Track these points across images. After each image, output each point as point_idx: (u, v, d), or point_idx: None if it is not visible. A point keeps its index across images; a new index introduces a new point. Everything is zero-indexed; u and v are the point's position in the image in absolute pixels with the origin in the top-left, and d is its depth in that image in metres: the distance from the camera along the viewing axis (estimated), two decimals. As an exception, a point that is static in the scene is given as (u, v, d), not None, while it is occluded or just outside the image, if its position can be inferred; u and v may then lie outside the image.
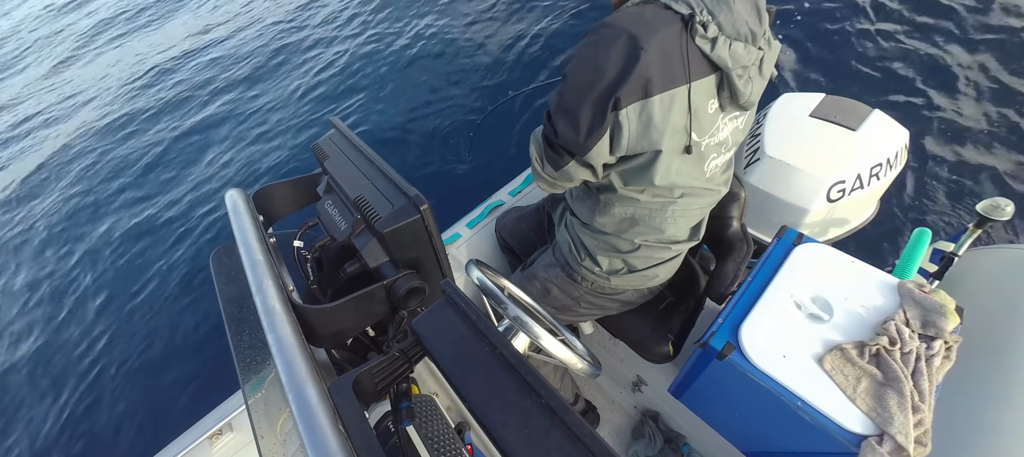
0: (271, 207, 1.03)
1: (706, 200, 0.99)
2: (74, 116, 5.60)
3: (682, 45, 0.75)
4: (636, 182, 0.90)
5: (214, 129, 4.71)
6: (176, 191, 4.13)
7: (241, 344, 0.77)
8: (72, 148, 5.04)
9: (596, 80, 0.77)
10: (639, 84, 0.75)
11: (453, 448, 0.86)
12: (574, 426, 0.45)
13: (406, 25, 5.20)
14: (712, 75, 0.80)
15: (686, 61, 0.76)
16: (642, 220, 0.97)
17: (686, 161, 0.87)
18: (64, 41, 7.74)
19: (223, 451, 1.23)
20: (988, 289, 1.14)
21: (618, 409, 1.66)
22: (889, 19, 3.65)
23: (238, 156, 4.29)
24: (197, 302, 3.20)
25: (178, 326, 3.10)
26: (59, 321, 3.38)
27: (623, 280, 1.09)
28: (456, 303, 0.60)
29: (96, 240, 3.90)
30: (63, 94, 6.18)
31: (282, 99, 4.81)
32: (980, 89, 2.97)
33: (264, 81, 5.17)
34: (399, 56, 4.88)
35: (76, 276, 3.67)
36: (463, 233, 1.60)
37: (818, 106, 1.43)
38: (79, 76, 6.51)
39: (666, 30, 0.74)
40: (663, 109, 0.78)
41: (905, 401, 0.76)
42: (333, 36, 5.47)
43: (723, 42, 0.76)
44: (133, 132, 5.00)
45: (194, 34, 6.45)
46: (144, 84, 5.71)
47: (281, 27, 5.96)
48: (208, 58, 5.84)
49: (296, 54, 5.41)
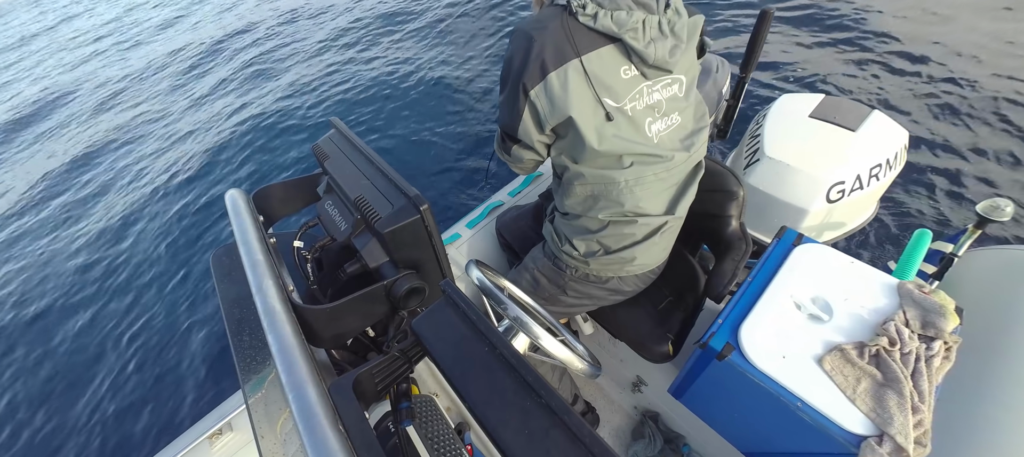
0: (271, 207, 1.03)
1: (661, 167, 1.00)
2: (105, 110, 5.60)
3: (566, 28, 0.90)
4: (581, 157, 0.99)
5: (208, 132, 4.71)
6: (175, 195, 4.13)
7: (241, 344, 0.77)
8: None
9: (509, 73, 0.96)
10: (536, 67, 0.91)
11: (453, 448, 0.86)
12: (574, 426, 0.45)
13: (420, 45, 5.19)
14: (610, 45, 0.92)
15: (572, 40, 0.90)
16: (602, 195, 1.03)
17: (618, 127, 0.95)
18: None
19: (223, 451, 1.23)
20: (988, 289, 1.14)
21: (618, 409, 1.66)
22: (889, 20, 3.65)
23: (236, 157, 4.29)
24: (196, 303, 3.20)
25: (177, 326, 3.10)
26: (59, 320, 3.38)
27: (601, 263, 1.11)
28: (456, 303, 0.60)
29: (94, 238, 3.90)
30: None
31: (285, 100, 4.81)
32: (980, 90, 2.98)
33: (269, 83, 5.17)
34: (404, 64, 4.88)
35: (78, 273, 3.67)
36: (463, 233, 1.60)
37: (818, 107, 1.43)
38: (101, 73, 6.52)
39: (552, 21, 0.91)
40: (560, 82, 0.91)
41: (905, 402, 0.76)
42: (336, 44, 5.47)
43: (604, 14, 0.89)
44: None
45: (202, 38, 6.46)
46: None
47: (278, 33, 5.96)
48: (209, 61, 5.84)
49: (297, 57, 5.41)
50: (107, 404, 2.82)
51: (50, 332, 3.34)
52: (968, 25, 3.41)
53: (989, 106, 2.86)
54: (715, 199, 1.17)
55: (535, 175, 1.75)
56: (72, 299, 3.51)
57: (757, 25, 1.39)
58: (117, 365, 3.00)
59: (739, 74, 1.54)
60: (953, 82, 3.06)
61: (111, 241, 3.84)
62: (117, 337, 3.16)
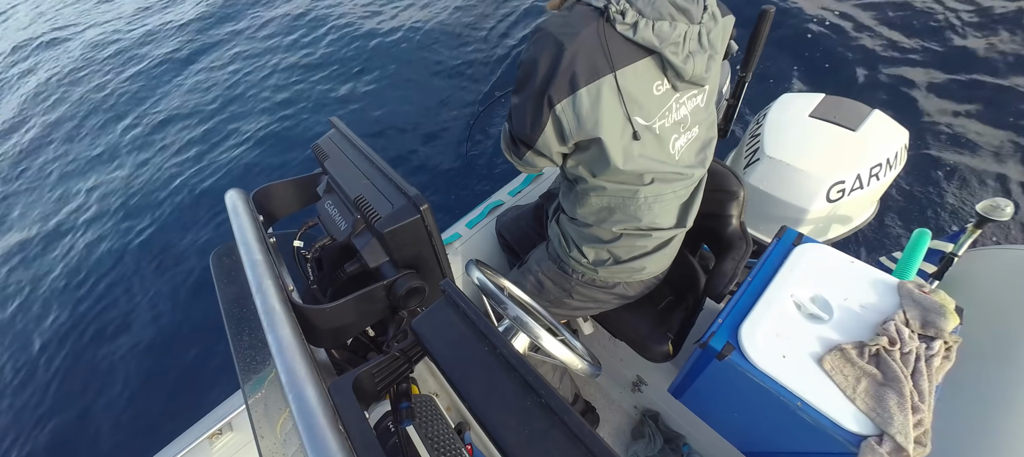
0: (271, 207, 1.03)
1: (681, 184, 0.99)
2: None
3: (601, 37, 0.80)
4: (601, 171, 0.94)
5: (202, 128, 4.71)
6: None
7: (241, 344, 0.77)
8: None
9: (532, 81, 0.85)
10: (565, 80, 0.82)
11: (453, 448, 0.86)
12: (574, 426, 0.45)
13: (403, 23, 5.20)
14: (647, 58, 0.84)
15: (607, 51, 0.81)
16: (618, 209, 0.99)
17: (644, 145, 0.90)
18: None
19: (223, 451, 1.23)
20: (988, 289, 1.14)
21: (618, 409, 1.66)
22: (889, 20, 3.65)
23: (236, 157, 4.29)
24: (196, 302, 3.21)
25: (177, 325, 3.10)
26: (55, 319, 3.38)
27: (610, 271, 1.10)
28: (456, 303, 0.60)
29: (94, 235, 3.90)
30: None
31: (286, 100, 4.81)
32: (980, 90, 2.98)
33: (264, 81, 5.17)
34: (399, 58, 4.89)
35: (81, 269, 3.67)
36: (463, 233, 1.60)
37: (818, 106, 1.43)
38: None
39: (586, 27, 0.80)
40: (591, 99, 0.83)
41: (905, 401, 0.76)
42: (325, 37, 5.48)
43: (645, 24, 0.80)
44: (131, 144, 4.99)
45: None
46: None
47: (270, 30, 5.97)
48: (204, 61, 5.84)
49: (292, 52, 5.41)
50: (107, 404, 2.82)
51: (50, 332, 3.34)
52: (971, 25, 3.41)
53: (990, 106, 2.86)
54: (716, 199, 1.17)
55: (536, 175, 1.76)
56: (72, 299, 3.51)
57: (757, 24, 1.39)
58: (117, 365, 3.00)
59: (739, 73, 1.54)
60: (954, 82, 3.05)
61: (107, 241, 3.84)
62: (117, 337, 3.17)
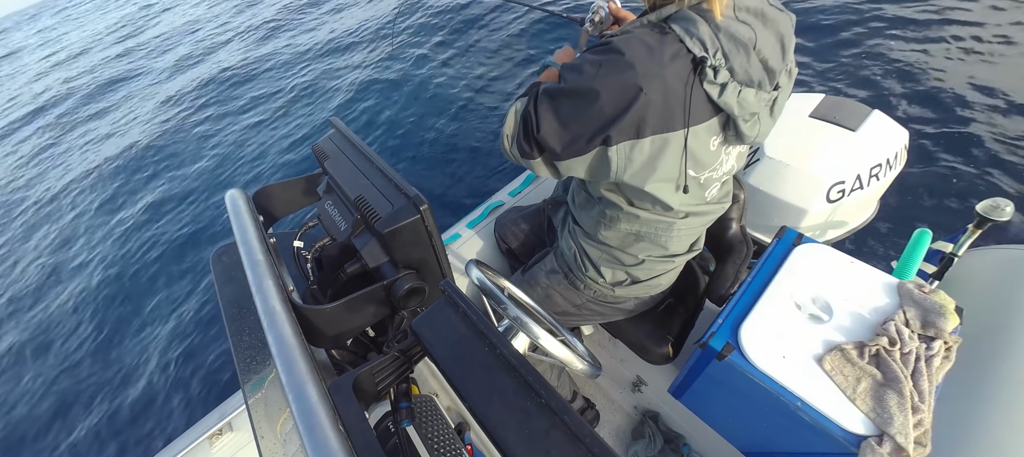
0: (271, 207, 1.03)
1: (709, 218, 1.01)
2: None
3: (687, 88, 0.71)
4: (640, 201, 0.90)
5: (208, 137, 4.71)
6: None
7: (241, 344, 0.77)
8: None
9: (590, 106, 0.74)
10: (632, 124, 0.73)
11: (453, 448, 0.86)
12: (574, 426, 0.45)
13: (425, 41, 5.20)
14: (715, 118, 0.77)
15: (687, 106, 0.72)
16: (647, 237, 0.97)
17: (690, 197, 0.87)
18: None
19: (223, 451, 1.23)
20: (988, 289, 1.14)
21: (618, 409, 1.66)
22: (889, 20, 3.65)
23: (236, 157, 4.29)
24: (195, 302, 3.20)
25: (177, 325, 3.10)
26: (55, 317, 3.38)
27: (627, 290, 1.10)
28: (456, 303, 0.60)
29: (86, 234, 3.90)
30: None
31: (285, 99, 4.81)
32: (980, 90, 2.98)
33: (263, 82, 5.17)
34: (400, 57, 4.89)
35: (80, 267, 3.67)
36: (463, 233, 1.60)
37: (818, 106, 1.43)
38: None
39: (673, 71, 0.70)
40: (653, 149, 0.76)
41: (905, 401, 0.76)
42: (338, 49, 5.48)
43: (733, 88, 0.72)
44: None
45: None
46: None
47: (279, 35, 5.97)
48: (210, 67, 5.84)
49: (295, 60, 5.42)
50: (106, 405, 2.82)
51: (49, 332, 3.34)
52: (969, 24, 3.41)
53: (990, 106, 2.86)
54: (716, 201, 1.17)
55: (536, 176, 1.75)
56: (70, 298, 3.51)
57: (757, 24, 1.39)
58: (117, 365, 3.00)
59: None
60: (954, 82, 3.05)
61: (103, 240, 3.84)
62: (116, 337, 3.17)
